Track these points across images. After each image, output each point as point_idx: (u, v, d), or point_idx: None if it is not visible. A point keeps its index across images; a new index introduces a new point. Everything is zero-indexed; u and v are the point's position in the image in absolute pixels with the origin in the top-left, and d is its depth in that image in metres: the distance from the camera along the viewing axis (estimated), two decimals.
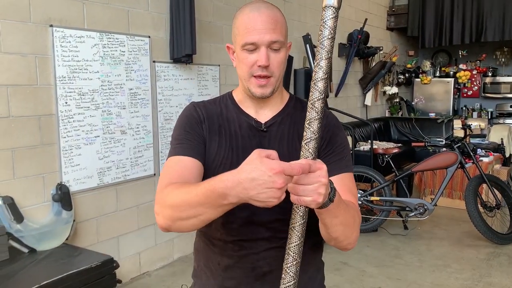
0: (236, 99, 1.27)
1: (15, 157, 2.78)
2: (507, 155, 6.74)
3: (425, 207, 4.35)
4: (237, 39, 1.16)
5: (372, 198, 4.57)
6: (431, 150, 5.35)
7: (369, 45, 6.68)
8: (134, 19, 3.47)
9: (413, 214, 4.38)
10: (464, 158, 4.52)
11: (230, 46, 1.23)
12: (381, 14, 7.69)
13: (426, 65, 8.54)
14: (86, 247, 3.09)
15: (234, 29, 1.18)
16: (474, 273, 3.68)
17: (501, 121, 7.98)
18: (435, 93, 8.25)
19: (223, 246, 1.21)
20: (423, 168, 4.60)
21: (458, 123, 7.04)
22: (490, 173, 5.27)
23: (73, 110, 3.06)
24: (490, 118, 8.10)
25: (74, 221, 3.01)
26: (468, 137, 5.45)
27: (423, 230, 4.73)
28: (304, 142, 0.93)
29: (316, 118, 0.92)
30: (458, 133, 6.52)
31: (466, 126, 5.86)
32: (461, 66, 8.50)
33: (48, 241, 2.81)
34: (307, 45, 5.21)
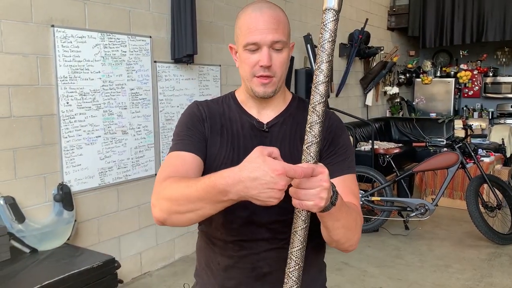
0: (238, 99, 1.27)
1: (17, 157, 2.78)
2: (508, 155, 6.73)
3: (426, 207, 4.35)
4: (239, 39, 1.16)
5: (373, 198, 4.57)
6: (432, 150, 5.35)
7: (370, 45, 6.68)
8: (136, 19, 3.47)
9: (414, 214, 4.38)
10: (465, 158, 4.51)
11: (232, 46, 1.23)
12: (381, 14, 7.68)
13: (427, 65, 8.53)
14: (88, 247, 3.09)
15: (237, 29, 1.18)
16: (475, 273, 3.68)
17: (502, 121, 7.98)
18: (436, 93, 8.24)
19: (224, 246, 1.21)
20: (424, 168, 4.59)
21: (459, 123, 7.03)
22: (491, 173, 5.26)
23: (74, 110, 3.07)
24: (491, 118, 8.09)
25: (75, 221, 3.02)
26: (469, 137, 5.45)
27: (424, 230, 4.73)
28: (305, 146, 0.92)
29: (317, 122, 0.91)
30: (459, 133, 6.53)
31: (467, 126, 5.85)
32: (462, 66, 8.49)
33: (49, 241, 2.81)
34: (308, 45, 5.21)
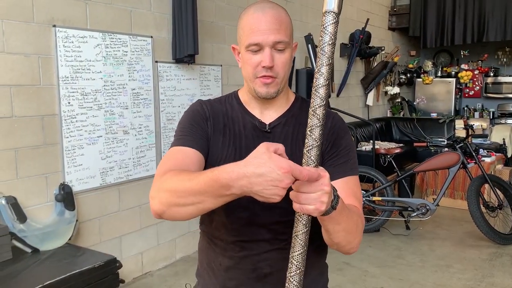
0: (241, 99, 1.26)
1: (18, 157, 2.78)
2: (509, 155, 6.74)
3: (427, 207, 4.35)
4: (241, 40, 1.16)
5: (374, 198, 4.57)
6: (433, 150, 5.35)
7: (370, 45, 6.67)
8: (137, 19, 3.47)
9: (415, 214, 4.38)
10: (466, 158, 4.51)
11: (235, 47, 1.23)
12: (382, 14, 7.68)
13: (428, 65, 8.53)
14: (89, 247, 3.10)
15: (239, 29, 1.17)
16: (477, 273, 3.68)
17: (503, 121, 7.97)
18: (437, 93, 8.24)
19: (225, 247, 1.21)
20: (425, 168, 4.59)
21: (460, 123, 7.03)
22: (492, 173, 5.26)
23: (76, 110, 3.07)
24: (492, 118, 8.09)
25: (77, 221, 3.02)
26: (470, 137, 5.44)
27: (425, 230, 4.73)
28: (306, 150, 0.91)
29: (317, 125, 0.90)
30: (460, 133, 6.52)
31: (468, 126, 5.85)
32: (462, 66, 8.48)
33: (51, 241, 2.81)
34: (309, 45, 5.21)
